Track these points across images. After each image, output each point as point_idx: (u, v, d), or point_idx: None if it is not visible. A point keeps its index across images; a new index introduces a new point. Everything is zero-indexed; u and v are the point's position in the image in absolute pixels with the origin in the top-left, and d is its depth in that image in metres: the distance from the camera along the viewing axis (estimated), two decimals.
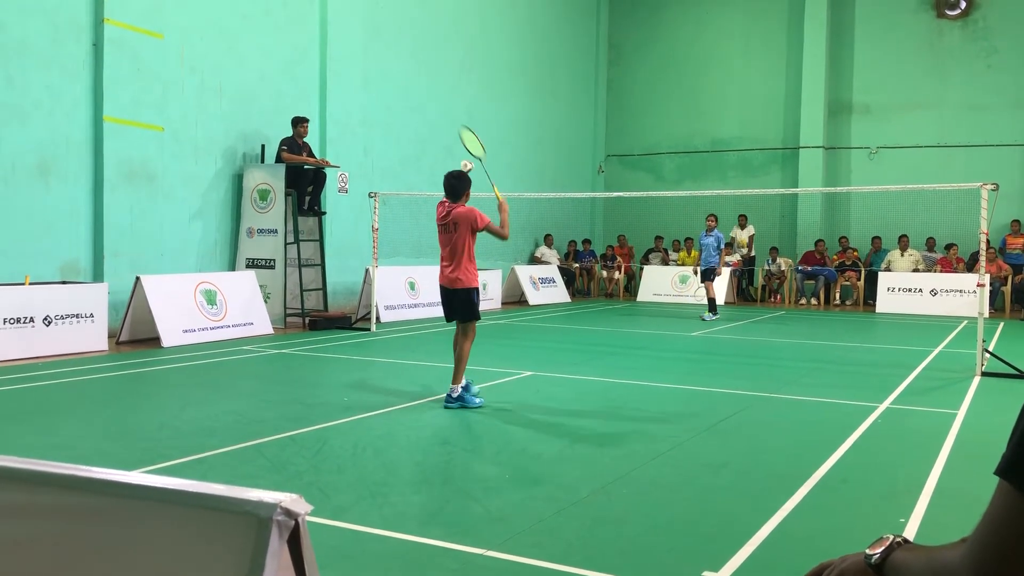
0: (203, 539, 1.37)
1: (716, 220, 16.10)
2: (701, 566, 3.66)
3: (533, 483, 4.99)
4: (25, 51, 10.42)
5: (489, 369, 9.16)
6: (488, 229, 7.38)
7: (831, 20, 20.97)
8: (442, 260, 7.43)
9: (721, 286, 18.18)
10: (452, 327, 7.67)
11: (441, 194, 7.72)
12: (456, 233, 7.29)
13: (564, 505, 4.53)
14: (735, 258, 19.86)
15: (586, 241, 22.21)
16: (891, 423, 6.81)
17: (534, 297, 18.42)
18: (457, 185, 7.48)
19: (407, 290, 14.81)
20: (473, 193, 7.88)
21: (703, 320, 15.29)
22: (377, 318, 13.26)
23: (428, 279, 15.36)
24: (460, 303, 7.26)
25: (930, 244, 19.15)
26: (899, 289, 17.75)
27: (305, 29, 14.29)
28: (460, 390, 7.13)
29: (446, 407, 7.10)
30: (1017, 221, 18.44)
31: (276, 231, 12.94)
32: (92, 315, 10.07)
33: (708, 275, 15.69)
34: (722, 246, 15.90)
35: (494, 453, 5.65)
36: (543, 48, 21.03)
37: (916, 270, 18.39)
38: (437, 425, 6.51)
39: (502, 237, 7.65)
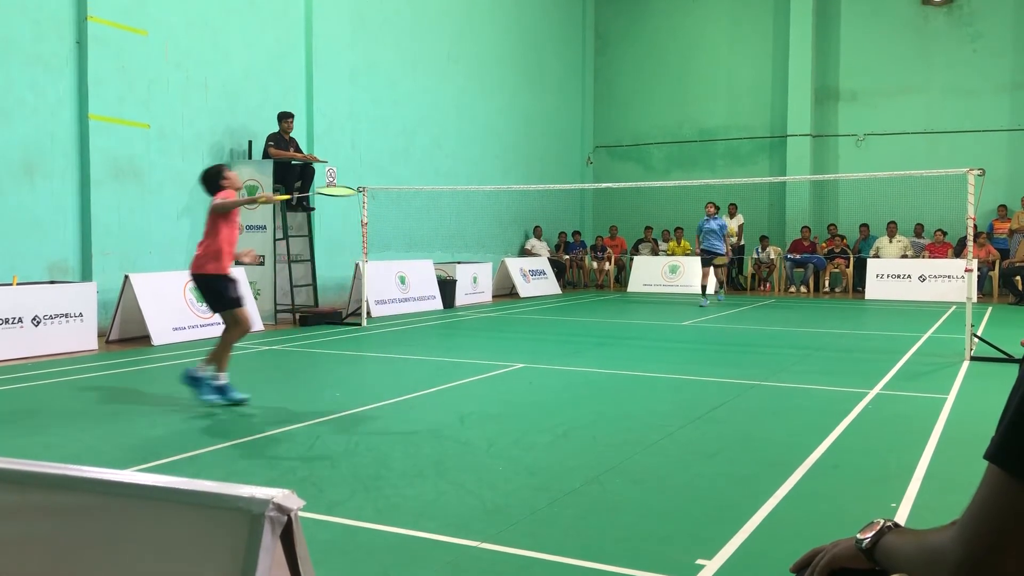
0: (196, 536, 1.37)
1: (716, 208, 16.34)
2: (695, 554, 3.67)
3: (526, 474, 5.00)
4: (7, 49, 10.34)
5: (481, 362, 9.17)
6: (222, 204, 7.00)
7: (817, 7, 20.98)
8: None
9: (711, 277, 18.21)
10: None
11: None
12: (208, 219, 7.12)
13: (558, 495, 4.54)
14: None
15: (576, 233, 22.22)
16: (881, 409, 6.85)
17: (525, 289, 18.42)
18: (209, 183, 7.27)
19: (397, 284, 14.79)
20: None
21: (719, 301, 15.70)
22: (368, 313, 13.25)
23: (419, 273, 15.37)
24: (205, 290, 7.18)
25: (918, 230, 19.23)
26: (888, 275, 17.83)
27: (290, 23, 14.22)
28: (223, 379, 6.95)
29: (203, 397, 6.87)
30: (1004, 206, 18.54)
31: (264, 227, 12.90)
32: (81, 314, 10.03)
33: (710, 261, 16.00)
34: (724, 232, 16.15)
35: (487, 445, 5.65)
36: (529, 38, 20.99)
37: (904, 256, 18.47)
38: (429, 418, 6.51)
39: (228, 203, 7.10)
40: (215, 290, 7.08)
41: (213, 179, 7.22)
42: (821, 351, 10.30)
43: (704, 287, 16.15)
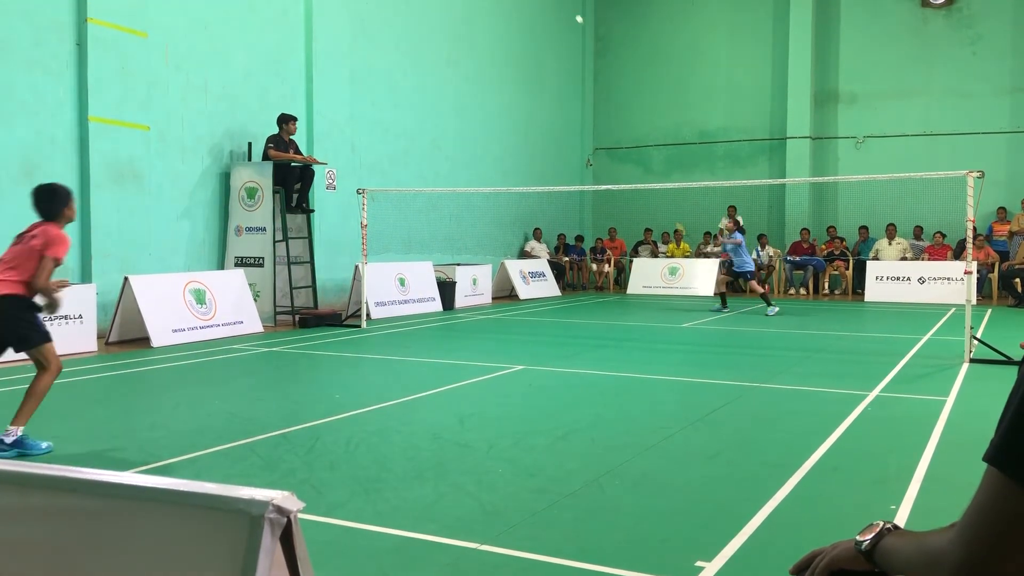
0: (196, 538, 1.37)
1: (735, 223, 15.83)
2: (694, 556, 3.67)
3: (526, 476, 5.00)
4: (7, 51, 10.34)
5: (480, 364, 9.17)
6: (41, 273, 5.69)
7: (816, 9, 21.00)
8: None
9: (710, 278, 18.22)
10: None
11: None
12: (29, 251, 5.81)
13: (557, 498, 4.54)
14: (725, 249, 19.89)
15: (579, 237, 22.22)
16: (881, 411, 6.85)
17: (524, 291, 18.42)
18: (47, 205, 6.10)
19: (397, 286, 14.79)
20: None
21: (771, 315, 14.51)
22: (367, 315, 13.24)
23: (419, 275, 15.37)
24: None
25: (917, 232, 19.24)
26: (887, 278, 17.83)
27: (290, 25, 14.23)
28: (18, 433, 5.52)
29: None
30: (1003, 208, 18.54)
31: (264, 229, 12.90)
32: (81, 316, 10.03)
33: (747, 274, 15.52)
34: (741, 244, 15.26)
35: (486, 447, 5.65)
36: (529, 41, 21.01)
37: (904, 258, 18.48)
38: (429, 420, 6.51)
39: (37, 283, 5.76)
40: (25, 319, 5.78)
41: (60, 200, 6.05)
42: (821, 353, 10.30)
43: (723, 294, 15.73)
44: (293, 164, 13.19)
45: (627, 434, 6.05)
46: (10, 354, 5.84)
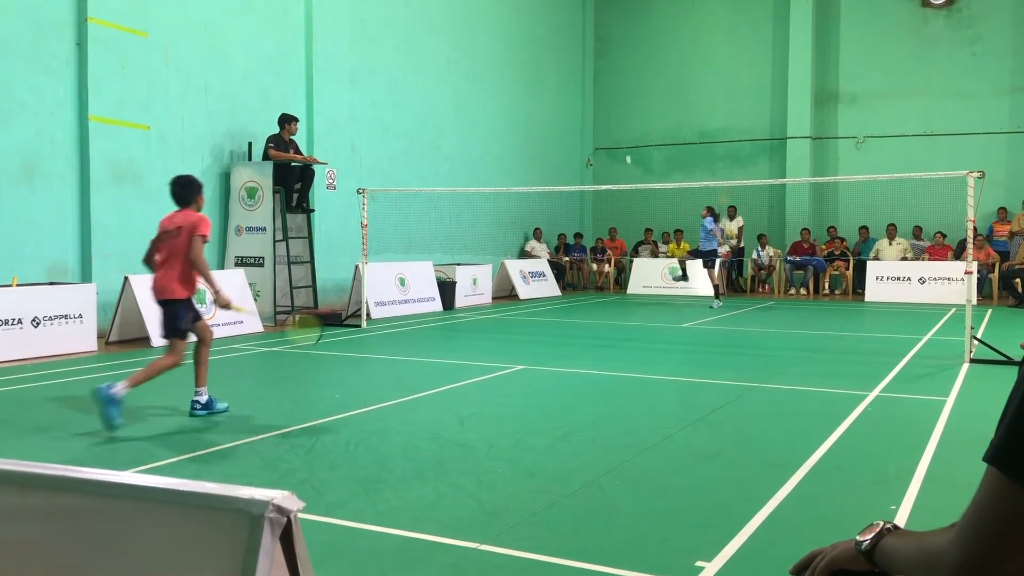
0: (196, 537, 1.37)
1: (708, 210, 16.62)
2: (694, 556, 3.67)
3: (526, 476, 5.00)
4: (7, 51, 10.34)
5: (480, 364, 9.17)
6: (196, 250, 6.49)
7: (817, 9, 21.00)
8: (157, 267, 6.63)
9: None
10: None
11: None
12: (178, 239, 6.56)
13: (557, 497, 4.54)
14: (724, 249, 19.91)
15: (577, 235, 22.23)
16: (881, 411, 6.85)
17: (524, 291, 18.42)
18: (182, 192, 6.85)
19: (397, 286, 14.80)
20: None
21: (711, 308, 15.89)
22: (367, 314, 13.25)
23: (419, 275, 15.37)
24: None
25: (917, 232, 19.24)
26: (887, 278, 17.83)
27: (290, 25, 14.23)
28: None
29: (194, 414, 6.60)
30: (1004, 208, 18.54)
31: (264, 229, 12.90)
32: (81, 316, 10.03)
33: (706, 262, 16.38)
34: (713, 232, 16.39)
35: (487, 447, 5.65)
36: (529, 41, 21.00)
37: (904, 259, 18.48)
38: (429, 420, 6.51)
39: (193, 258, 6.53)
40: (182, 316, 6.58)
41: (194, 189, 6.82)
42: (821, 353, 10.30)
43: (715, 287, 16.64)
44: (293, 164, 13.18)
45: (627, 434, 6.05)
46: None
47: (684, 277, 17.14)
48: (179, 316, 6.48)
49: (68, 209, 11.05)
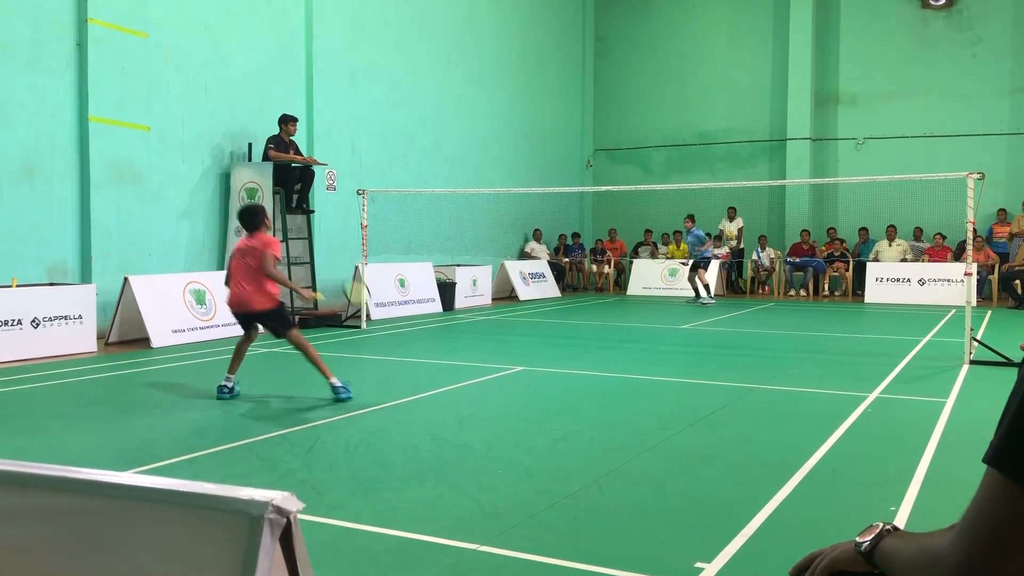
0: (196, 538, 1.37)
1: (692, 220, 17.60)
2: (693, 557, 3.67)
3: (525, 477, 5.00)
4: (7, 51, 10.34)
5: (480, 365, 9.17)
6: (267, 264, 7.37)
7: (816, 10, 21.01)
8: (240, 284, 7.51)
9: (711, 278, 18.24)
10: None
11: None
12: (252, 257, 7.43)
13: (557, 499, 4.54)
14: (724, 250, 19.93)
15: (575, 235, 22.23)
16: (881, 412, 6.85)
17: (524, 292, 18.43)
18: (250, 220, 7.62)
19: (397, 287, 14.80)
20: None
21: (707, 305, 16.45)
22: (367, 315, 13.24)
23: (418, 276, 15.37)
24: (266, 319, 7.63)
25: (917, 234, 19.24)
26: (887, 279, 17.84)
27: (290, 25, 14.23)
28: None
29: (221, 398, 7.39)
30: (1003, 210, 18.55)
31: None
32: (80, 316, 10.02)
33: (697, 265, 17.01)
34: (703, 241, 17.18)
35: (486, 448, 5.65)
36: (529, 41, 21.01)
37: (904, 260, 18.48)
38: (429, 421, 6.51)
39: (267, 272, 7.41)
40: (283, 315, 7.72)
41: (260, 215, 7.64)
42: (821, 355, 10.30)
43: (705, 285, 17.09)
44: (293, 165, 13.18)
45: (627, 435, 6.05)
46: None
47: (698, 296, 17.27)
48: (279, 318, 7.60)
49: (68, 210, 11.05)
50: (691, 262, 17.24)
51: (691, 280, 17.18)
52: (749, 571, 3.58)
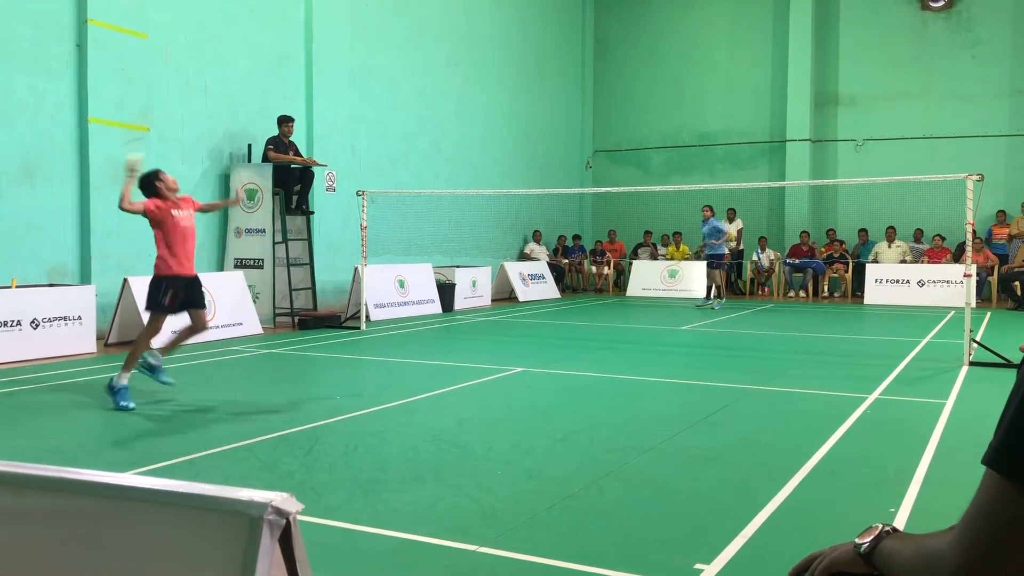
0: (195, 539, 1.37)
1: (712, 211, 17.05)
2: (693, 558, 3.67)
3: (525, 478, 5.00)
4: (7, 52, 10.34)
5: (479, 366, 9.17)
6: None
7: (816, 12, 21.02)
8: (187, 252, 7.53)
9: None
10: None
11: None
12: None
13: (556, 500, 4.54)
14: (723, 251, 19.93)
15: (576, 236, 22.23)
16: (880, 413, 6.85)
17: (524, 293, 18.43)
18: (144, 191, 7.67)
19: (396, 288, 14.79)
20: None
21: (714, 309, 16.21)
22: (367, 316, 13.24)
23: (418, 277, 15.37)
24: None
25: (917, 235, 19.25)
26: (887, 280, 17.84)
27: (290, 26, 14.24)
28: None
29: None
30: (1003, 211, 18.55)
31: (264, 231, 12.90)
32: (80, 317, 10.02)
33: (714, 263, 16.92)
34: (722, 233, 16.94)
35: (485, 449, 5.65)
36: (529, 43, 21.02)
37: (903, 261, 18.49)
38: (428, 422, 6.50)
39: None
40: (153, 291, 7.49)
41: (148, 182, 7.58)
42: (820, 356, 10.30)
43: (718, 287, 17.07)
44: (293, 166, 13.18)
45: (626, 436, 6.05)
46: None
47: (709, 296, 17.34)
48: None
49: (68, 210, 11.05)
50: (707, 259, 17.24)
51: (710, 277, 17.23)
52: (749, 572, 3.58)
